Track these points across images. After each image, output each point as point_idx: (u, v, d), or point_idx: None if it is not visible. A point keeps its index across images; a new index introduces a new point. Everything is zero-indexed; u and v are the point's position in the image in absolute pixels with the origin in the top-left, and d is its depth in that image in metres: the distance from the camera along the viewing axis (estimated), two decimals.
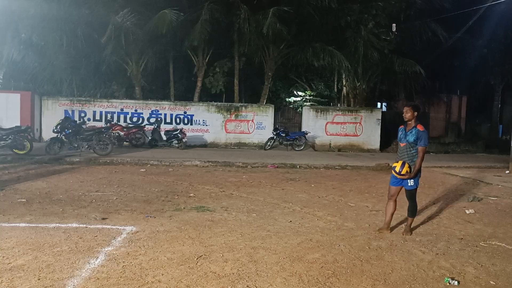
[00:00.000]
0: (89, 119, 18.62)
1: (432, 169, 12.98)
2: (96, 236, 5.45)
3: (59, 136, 14.09)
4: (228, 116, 19.82)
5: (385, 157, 16.59)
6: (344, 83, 23.27)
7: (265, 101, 21.19)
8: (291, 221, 6.57)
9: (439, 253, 5.23)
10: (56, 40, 17.86)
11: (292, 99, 24.32)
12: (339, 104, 23.39)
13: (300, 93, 24.30)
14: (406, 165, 5.73)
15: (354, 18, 19.82)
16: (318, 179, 11.16)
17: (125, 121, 19.11)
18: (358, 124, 20.34)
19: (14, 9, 16.82)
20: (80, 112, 18.87)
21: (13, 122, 15.84)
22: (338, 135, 20.22)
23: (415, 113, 5.87)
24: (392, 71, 20.98)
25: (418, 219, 6.94)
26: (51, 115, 18.34)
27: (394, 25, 19.59)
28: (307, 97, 23.90)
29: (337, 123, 20.29)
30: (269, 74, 21.09)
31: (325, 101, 24.01)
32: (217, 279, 4.18)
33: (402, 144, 5.96)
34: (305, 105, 21.95)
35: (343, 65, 19.89)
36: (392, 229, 6.22)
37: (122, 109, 19.23)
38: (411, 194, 5.99)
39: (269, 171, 12.65)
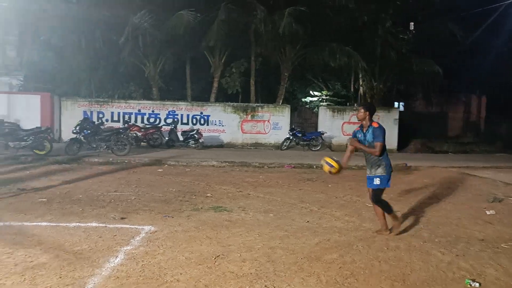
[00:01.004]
0: (107, 120, 18.84)
1: (451, 169, 12.81)
2: (115, 235, 5.52)
3: (78, 136, 14.30)
4: (245, 116, 19.86)
5: (402, 157, 16.42)
6: (361, 83, 23.12)
7: (281, 101, 21.18)
8: (308, 221, 6.56)
9: (459, 254, 5.16)
10: (75, 41, 18.14)
11: (309, 99, 24.26)
12: (356, 104, 23.23)
13: (316, 93, 24.22)
14: (328, 159, 5.76)
15: (371, 17, 19.69)
16: (335, 179, 11.09)
17: (142, 122, 19.30)
18: None
19: (33, 11, 17.12)
20: (98, 113, 19.11)
21: (34, 123, 16.11)
22: None
23: (367, 113, 5.71)
24: (410, 70, 20.77)
25: (437, 220, 6.87)
26: (70, 116, 18.61)
27: (412, 24, 19.39)
28: (324, 97, 23.81)
29: (354, 123, 20.12)
30: (285, 74, 21.08)
31: (341, 101, 23.90)
32: (235, 279, 4.20)
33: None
34: (322, 105, 21.87)
35: (360, 65, 19.77)
36: (401, 231, 6.11)
37: (139, 110, 19.42)
38: (375, 195, 5.77)
39: (286, 171, 12.64)
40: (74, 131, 14.53)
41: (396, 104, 26.70)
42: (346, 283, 4.19)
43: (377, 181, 5.72)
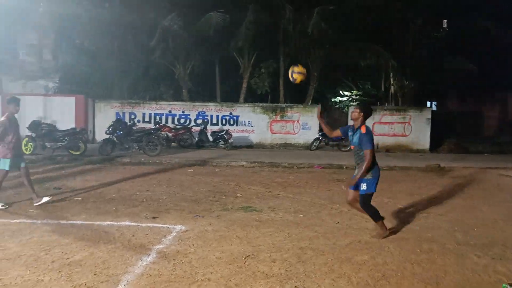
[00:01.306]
0: (138, 121, 19.18)
1: (487, 170, 12.45)
2: (148, 234, 5.62)
3: (111, 137, 14.63)
4: (274, 116, 19.86)
5: (435, 157, 16.07)
6: (391, 82, 22.74)
7: (310, 101, 21.08)
8: (338, 222, 6.51)
9: (495, 258, 5.02)
10: (108, 45, 18.58)
11: (338, 99, 24.04)
12: (386, 104, 22.87)
13: (346, 93, 23.98)
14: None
15: (401, 15, 19.35)
16: None
17: (173, 122, 19.57)
18: (407, 123, 19.81)
19: (68, 16, 17.64)
20: (130, 114, 19.49)
21: (69, 124, 16.58)
22: (385, 135, 19.77)
23: (362, 114, 5.48)
24: (442, 69, 20.29)
25: (472, 222, 6.69)
26: (104, 117, 19.06)
27: (445, 21, 18.95)
28: (354, 97, 23.54)
29: (385, 123, 19.85)
30: (314, 74, 20.96)
31: (372, 101, 23.56)
32: (266, 279, 4.22)
33: (352, 147, 5.66)
34: (352, 105, 21.63)
35: (390, 64, 19.45)
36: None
37: (170, 111, 19.70)
38: (363, 200, 5.53)
39: (316, 171, 12.57)
40: (107, 132, 14.89)
41: (428, 103, 26.12)
42: (377, 285, 4.14)
43: (363, 187, 5.47)
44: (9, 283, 4.01)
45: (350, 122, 19.87)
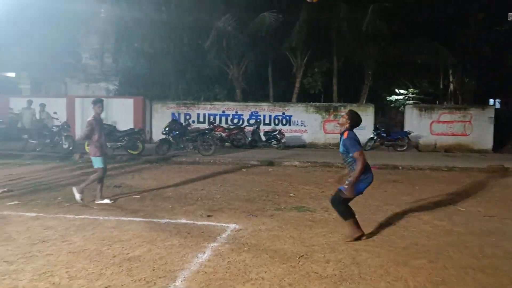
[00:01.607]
0: (193, 121, 19.63)
1: None
2: (203, 232, 5.75)
3: (167, 137, 15.08)
4: (327, 116, 19.64)
5: (498, 158, 15.25)
6: (450, 80, 21.84)
7: (364, 100, 20.66)
8: (394, 224, 6.34)
9: None
10: (164, 47, 19.16)
11: (394, 97, 23.42)
12: (445, 102, 21.98)
13: (402, 91, 23.31)
14: None
15: (461, 9, 18.53)
16: (423, 181, 10.61)
17: (226, 122, 19.85)
18: (467, 122, 18.93)
19: (127, 21, 18.38)
20: (185, 114, 19.98)
21: (127, 125, 17.26)
22: (444, 134, 19.00)
23: (348, 121, 5.42)
24: (506, 65, 19.20)
25: None
26: (160, 118, 19.67)
27: (510, 14, 17.93)
28: (410, 95, 22.84)
29: (444, 122, 19.07)
30: (369, 72, 20.53)
31: (429, 99, 22.74)
32: (319, 279, 4.19)
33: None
34: (408, 104, 20.97)
35: (449, 61, 18.66)
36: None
37: (223, 111, 20.00)
38: (337, 196, 5.36)
39: None
40: (164, 132, 15.35)
41: (491, 101, 24.82)
42: None
43: (345, 184, 5.28)
44: (75, 275, 4.24)
45: (407, 121, 19.36)
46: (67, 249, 4.99)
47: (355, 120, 5.48)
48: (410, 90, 23.08)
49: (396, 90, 23.45)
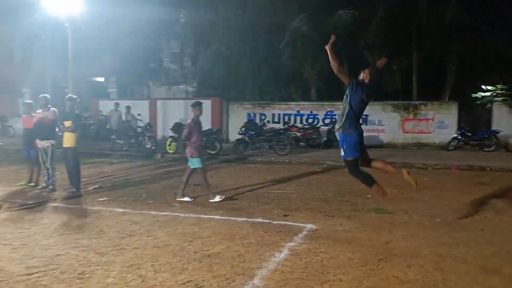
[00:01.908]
0: (268, 121, 19.81)
1: None
2: (280, 231, 5.80)
3: (243, 137, 15.37)
4: (406, 115, 18.88)
5: None
6: None
7: (447, 98, 19.61)
8: (482, 229, 5.96)
9: None
10: (240, 49, 19.58)
11: (480, 94, 21.94)
12: None
13: (489, 88, 21.77)
14: None
15: None
16: None
17: (301, 122, 19.80)
18: None
19: (205, 25, 19.03)
20: (261, 114, 20.23)
21: (205, 125, 17.78)
22: None
23: (368, 77, 5.62)
24: None
25: None
26: (236, 118, 20.08)
27: None
28: (498, 91, 21.27)
29: None
30: (452, 68, 19.47)
31: None
32: (400, 284, 4.06)
33: None
34: (496, 101, 19.55)
35: None
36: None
37: (298, 111, 19.98)
38: (347, 168, 5.67)
39: (454, 173, 11.66)
40: (240, 132, 15.68)
41: None
42: None
43: (341, 152, 5.51)
44: (159, 268, 4.47)
45: (495, 119, 18.06)
46: (152, 244, 5.27)
47: (375, 76, 5.67)
48: (499, 86, 21.48)
49: (483, 86, 21.95)
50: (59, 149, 8.48)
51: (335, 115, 19.55)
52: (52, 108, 8.76)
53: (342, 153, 5.56)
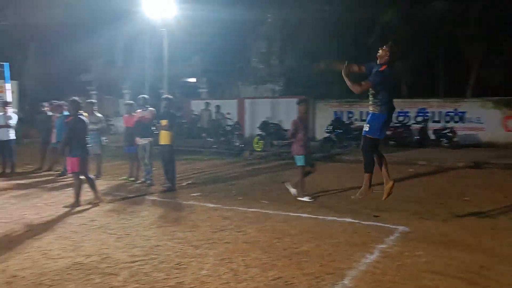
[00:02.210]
0: (356, 119, 19.38)
1: None
2: (370, 232, 5.67)
3: (330, 135, 15.20)
4: (508, 111, 17.40)
5: None
6: None
7: None
8: None
9: None
10: (327, 46, 19.35)
11: None
12: None
13: None
14: None
15: None
16: None
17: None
18: None
19: (293, 23, 19.10)
20: (348, 112, 19.85)
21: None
22: None
23: (388, 53, 5.44)
24: None
25: None
26: (323, 116, 19.89)
27: None
28: None
29: None
30: None
31: None
32: None
33: None
34: None
35: None
36: None
37: None
38: (363, 142, 5.56)
39: None
40: (327, 130, 15.53)
41: None
42: None
43: (365, 127, 5.40)
44: (250, 263, 4.58)
45: None
46: (243, 239, 5.42)
47: (395, 51, 5.43)
48: None
49: None
50: (156, 146, 9.02)
51: (428, 112, 18.62)
52: (149, 108, 9.35)
53: (366, 129, 5.46)
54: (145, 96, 9.64)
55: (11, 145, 10.55)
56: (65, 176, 9.85)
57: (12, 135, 10.53)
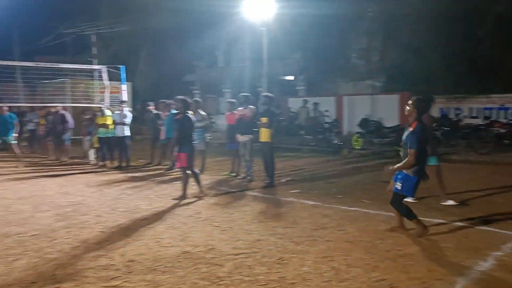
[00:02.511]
0: (464, 116, 18.06)
1: None
2: (483, 238, 5.29)
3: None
4: None
5: None
6: None
7: None
8: None
9: None
10: (433, 40, 18.28)
11: None
12: None
13: None
14: None
15: None
16: None
17: (505, 117, 17.49)
18: None
19: (395, 17, 18.34)
20: (455, 109, 18.58)
21: (393, 121, 17.19)
22: None
23: (415, 110, 5.22)
24: None
25: None
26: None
27: None
28: None
29: None
30: None
31: None
32: None
33: None
34: None
35: None
36: None
37: (502, 105, 17.70)
38: (393, 198, 5.43)
39: None
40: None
41: None
42: None
43: (398, 185, 5.26)
44: (352, 263, 4.51)
45: None
46: (344, 238, 5.37)
47: (421, 105, 5.32)
48: None
49: None
50: (257, 143, 9.25)
51: None
52: (250, 106, 9.61)
53: (399, 187, 5.28)
54: (246, 94, 9.92)
55: (126, 141, 11.60)
56: (172, 171, 10.54)
57: (127, 132, 11.58)
